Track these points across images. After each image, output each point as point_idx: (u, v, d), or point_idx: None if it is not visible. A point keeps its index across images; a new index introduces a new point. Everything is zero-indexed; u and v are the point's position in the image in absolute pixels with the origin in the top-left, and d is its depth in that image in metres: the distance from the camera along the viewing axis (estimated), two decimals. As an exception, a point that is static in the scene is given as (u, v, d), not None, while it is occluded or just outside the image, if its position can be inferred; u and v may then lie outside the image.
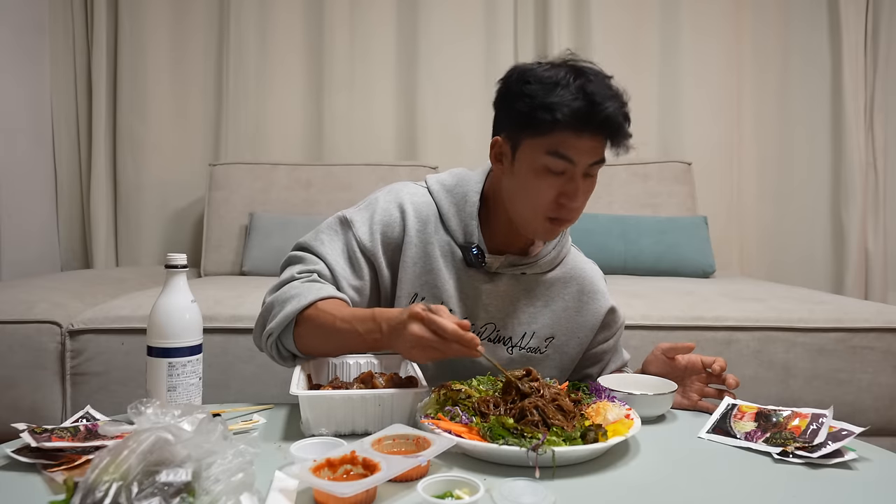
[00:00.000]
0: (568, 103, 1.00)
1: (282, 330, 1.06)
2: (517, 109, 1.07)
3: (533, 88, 1.04)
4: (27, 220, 2.73)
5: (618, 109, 1.03)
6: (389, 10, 2.99)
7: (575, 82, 1.02)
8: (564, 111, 1.00)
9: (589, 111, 1.01)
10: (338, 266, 1.13)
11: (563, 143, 1.03)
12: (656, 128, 3.01)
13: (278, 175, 2.74)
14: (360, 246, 1.14)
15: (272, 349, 1.10)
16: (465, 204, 1.17)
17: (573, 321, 1.23)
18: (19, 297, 1.82)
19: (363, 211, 1.18)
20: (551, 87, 1.02)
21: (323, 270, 1.12)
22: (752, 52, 3.06)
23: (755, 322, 1.79)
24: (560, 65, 1.07)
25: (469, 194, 1.18)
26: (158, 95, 2.96)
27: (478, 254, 1.14)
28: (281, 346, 1.09)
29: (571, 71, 1.04)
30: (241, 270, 2.59)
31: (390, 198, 1.19)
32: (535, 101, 1.03)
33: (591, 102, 1.01)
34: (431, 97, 2.98)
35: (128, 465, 0.61)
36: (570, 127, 1.01)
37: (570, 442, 0.84)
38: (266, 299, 1.10)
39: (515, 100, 1.07)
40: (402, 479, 0.77)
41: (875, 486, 0.82)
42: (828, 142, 3.03)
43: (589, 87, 1.02)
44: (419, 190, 1.21)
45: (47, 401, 1.73)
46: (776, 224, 3.08)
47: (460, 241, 1.16)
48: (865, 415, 1.75)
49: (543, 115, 1.02)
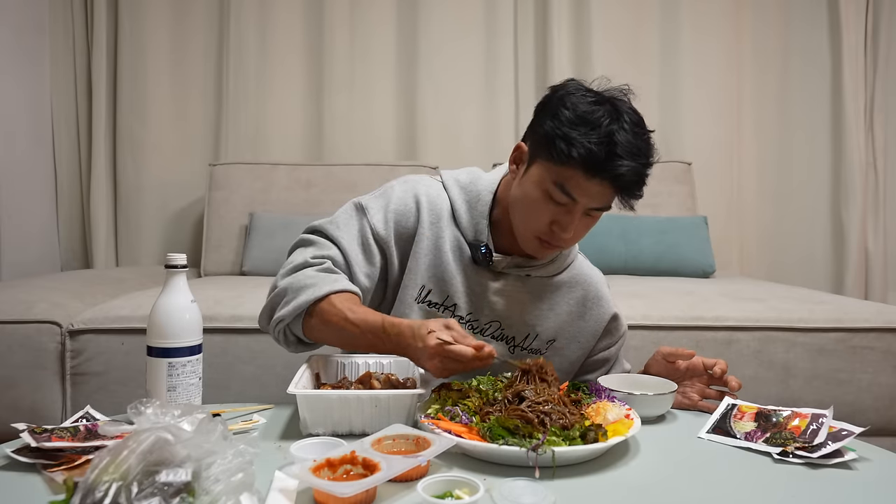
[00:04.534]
0: (588, 145, 0.99)
1: (292, 319, 1.07)
2: (543, 128, 1.06)
3: (566, 115, 1.03)
4: (27, 220, 2.73)
5: (636, 169, 1.02)
6: (389, 10, 2.99)
7: (607, 126, 1.00)
8: (581, 152, 1.00)
9: (605, 161, 1.00)
10: (351, 252, 1.13)
11: (571, 179, 1.02)
12: (656, 128, 2.98)
13: (278, 175, 2.74)
14: (373, 233, 1.15)
15: (279, 334, 1.10)
16: (478, 202, 1.17)
17: (576, 326, 1.23)
18: (19, 297, 1.82)
19: (379, 199, 1.18)
20: (580, 124, 1.01)
21: (336, 256, 1.12)
22: (753, 52, 3.06)
23: (755, 322, 1.78)
24: (605, 101, 1.04)
25: (482, 193, 1.18)
26: (158, 96, 2.96)
27: (486, 252, 1.15)
28: (289, 331, 1.10)
29: (610, 112, 1.02)
30: (241, 270, 2.59)
31: (407, 188, 1.19)
32: (560, 129, 1.02)
33: (611, 153, 0.99)
34: (431, 97, 2.98)
35: (128, 465, 0.61)
36: (582, 168, 1.01)
37: (570, 442, 0.84)
38: (278, 283, 1.10)
39: (547, 118, 1.06)
40: (402, 479, 0.77)
41: (875, 486, 0.82)
42: (828, 142, 3.03)
43: (618, 135, 1.00)
44: (434, 183, 1.22)
45: (47, 401, 1.72)
46: (776, 224, 3.08)
47: (470, 238, 1.17)
48: (865, 415, 1.75)
49: (562, 145, 1.01)
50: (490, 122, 2.98)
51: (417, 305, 1.17)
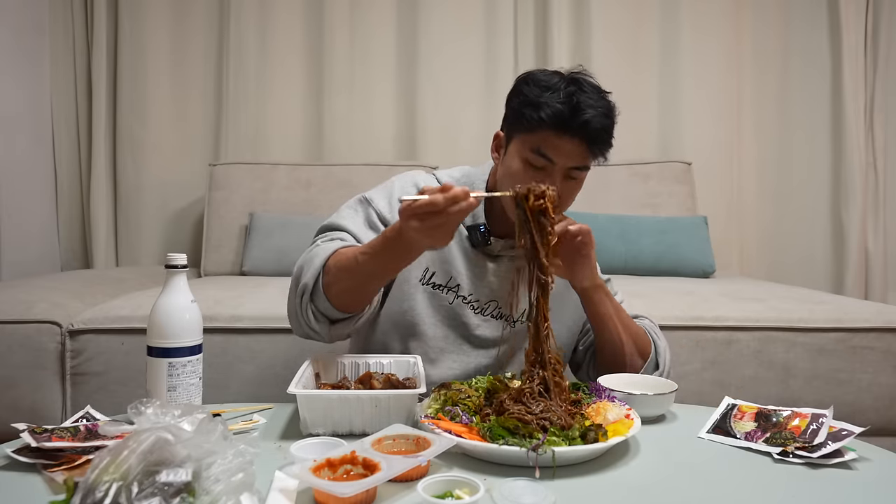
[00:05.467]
0: (552, 105, 1.09)
1: (314, 281, 1.08)
2: (511, 107, 1.17)
3: (528, 89, 1.14)
4: (27, 220, 2.73)
5: (599, 117, 1.10)
6: (389, 11, 2.99)
7: (566, 89, 1.11)
8: (547, 111, 1.09)
9: (571, 116, 1.09)
10: (361, 233, 1.20)
11: (544, 141, 1.11)
12: (656, 128, 3.01)
13: (278, 175, 2.74)
14: (380, 217, 1.22)
15: (307, 312, 1.10)
16: (473, 188, 1.21)
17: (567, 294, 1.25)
18: (19, 297, 1.82)
19: (381, 191, 1.27)
20: (543, 90, 1.11)
21: (347, 238, 1.18)
22: (752, 53, 3.06)
23: (755, 322, 1.78)
24: (561, 74, 1.15)
25: (475, 183, 1.27)
26: (158, 96, 2.96)
27: (484, 231, 1.22)
28: (316, 310, 1.10)
29: (568, 80, 1.13)
30: (241, 270, 2.59)
31: (406, 179, 1.28)
32: (526, 100, 1.13)
33: (573, 107, 1.09)
34: (431, 97, 2.98)
35: (128, 465, 0.61)
36: (552, 127, 1.10)
37: (570, 442, 0.84)
38: (294, 269, 1.14)
39: (513, 97, 1.18)
40: (402, 479, 0.77)
41: (875, 486, 0.82)
42: (828, 142, 3.02)
43: (578, 95, 1.10)
44: (430, 178, 1.30)
45: (47, 401, 1.72)
46: (776, 224, 3.08)
47: (468, 222, 1.23)
48: (865, 415, 1.75)
49: (531, 113, 1.11)
50: (490, 122, 2.98)
51: (422, 286, 1.24)
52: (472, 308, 1.25)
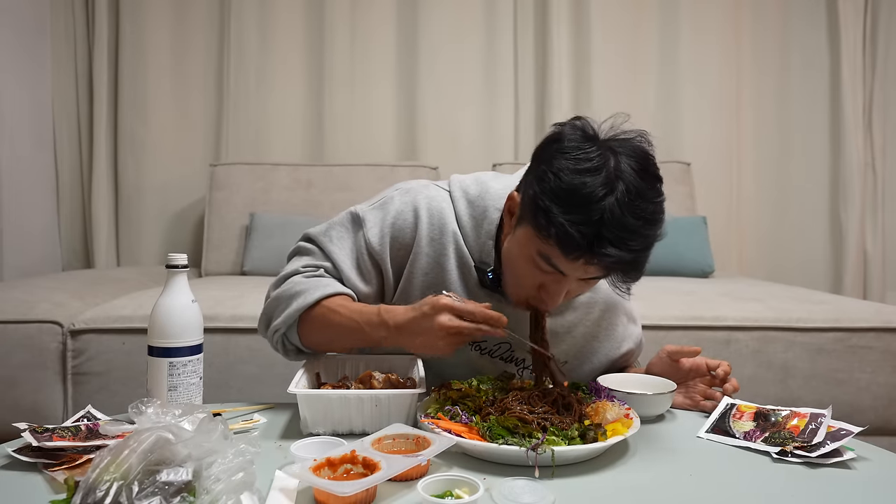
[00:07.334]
0: (568, 229, 0.84)
1: (287, 328, 1.06)
2: (529, 191, 0.92)
3: (550, 183, 0.87)
4: (29, 220, 2.73)
5: (623, 258, 0.86)
6: (389, 10, 3.00)
7: (596, 203, 0.84)
8: (560, 233, 0.85)
9: (588, 247, 0.85)
10: (345, 268, 1.08)
11: (553, 255, 0.90)
12: (656, 128, 3.00)
13: (279, 175, 2.75)
14: (368, 248, 1.09)
15: (278, 344, 1.10)
16: (484, 220, 1.07)
17: (590, 346, 1.18)
18: (21, 297, 1.82)
19: (377, 210, 1.11)
20: (565, 196, 0.86)
21: (330, 270, 1.10)
22: (752, 53, 3.06)
23: (754, 322, 1.79)
24: (601, 166, 0.86)
25: (489, 210, 1.07)
26: (159, 96, 2.97)
27: (493, 278, 1.06)
28: (287, 340, 1.09)
29: (604, 182, 0.85)
30: (242, 270, 2.59)
31: (407, 199, 1.11)
32: (542, 200, 0.87)
33: (597, 236, 0.84)
34: (431, 97, 2.99)
35: (128, 465, 0.61)
36: (561, 251, 0.88)
37: (569, 441, 0.85)
38: (270, 293, 1.09)
39: (534, 179, 0.92)
40: (402, 478, 0.77)
41: (874, 486, 0.83)
42: (826, 142, 3.03)
43: (607, 215, 0.84)
44: (439, 194, 1.12)
45: (48, 400, 1.73)
46: (775, 224, 3.08)
47: (476, 258, 1.08)
48: (864, 414, 1.76)
49: (542, 220, 0.87)
50: (490, 122, 2.98)
51: None
52: (477, 349, 1.13)
